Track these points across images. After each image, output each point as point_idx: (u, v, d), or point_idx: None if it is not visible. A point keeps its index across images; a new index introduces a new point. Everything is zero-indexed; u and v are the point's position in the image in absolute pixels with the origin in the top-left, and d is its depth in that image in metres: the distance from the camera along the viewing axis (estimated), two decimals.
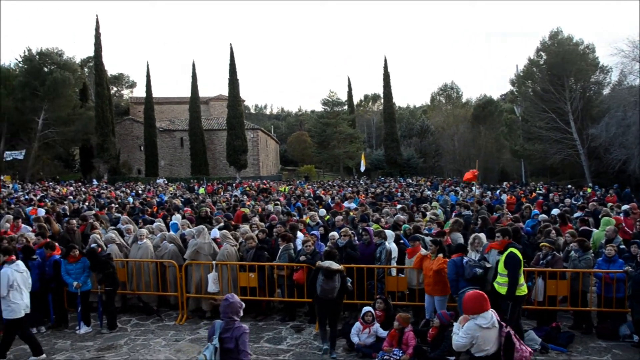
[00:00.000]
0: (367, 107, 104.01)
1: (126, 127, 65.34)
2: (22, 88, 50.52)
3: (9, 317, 8.37)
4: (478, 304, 5.85)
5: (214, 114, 72.95)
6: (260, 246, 10.55)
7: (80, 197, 26.73)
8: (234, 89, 56.96)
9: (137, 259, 10.92)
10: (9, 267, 8.44)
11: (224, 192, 33.00)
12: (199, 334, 9.70)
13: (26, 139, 53.18)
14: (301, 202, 20.14)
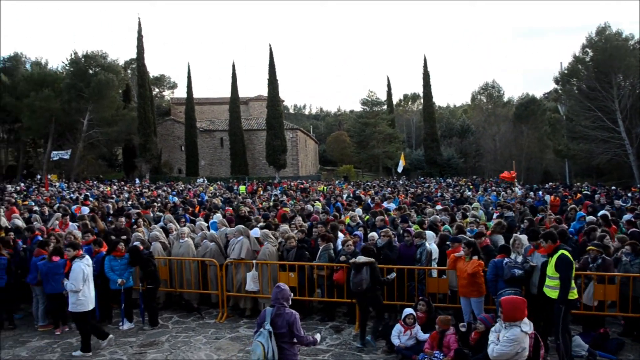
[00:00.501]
0: (406, 106, 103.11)
1: (167, 127, 66.35)
2: (69, 90, 51.78)
3: (77, 310, 8.64)
4: (520, 310, 5.71)
5: (253, 114, 73.43)
6: (301, 246, 10.54)
7: (124, 196, 27.18)
8: (273, 89, 57.23)
9: (179, 257, 11.02)
10: (80, 262, 8.71)
11: (263, 191, 33.17)
12: (239, 333, 9.76)
13: (72, 139, 54.50)
14: (340, 202, 20.05)
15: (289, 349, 5.90)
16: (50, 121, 52.13)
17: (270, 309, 5.98)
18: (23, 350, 9.08)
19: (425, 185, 37.52)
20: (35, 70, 56.56)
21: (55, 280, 9.62)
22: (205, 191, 31.79)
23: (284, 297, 5.98)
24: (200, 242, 11.40)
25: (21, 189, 38.26)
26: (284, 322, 5.83)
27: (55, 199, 25.45)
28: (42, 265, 9.69)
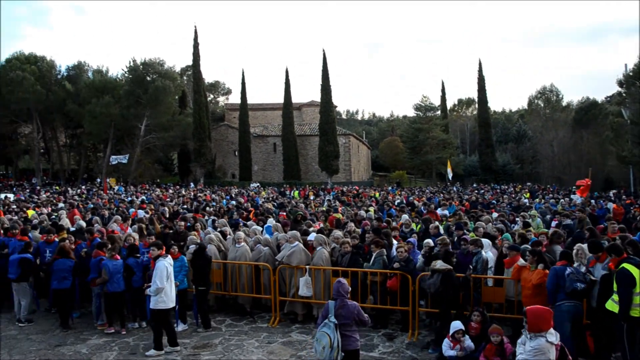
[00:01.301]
0: (460, 111, 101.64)
1: (222, 132, 67.37)
2: (127, 96, 53.30)
3: (158, 307, 8.85)
4: (545, 320, 5.48)
5: (306, 119, 73.76)
6: (356, 251, 10.44)
7: (179, 200, 27.66)
8: (326, 95, 57.37)
9: (234, 261, 11.09)
10: (164, 260, 8.98)
11: (315, 197, 33.21)
12: (291, 337, 9.75)
13: (130, 144, 55.96)
14: (393, 209, 19.84)
15: (352, 335, 6.60)
16: (109, 126, 53.74)
17: (332, 302, 6.63)
18: (83, 347, 9.37)
19: (480, 192, 36.79)
20: (96, 78, 58.39)
21: (116, 279, 9.95)
22: (258, 196, 32.06)
23: (345, 290, 6.65)
24: (254, 247, 11.46)
25: (82, 191, 39.55)
26: (349, 312, 6.49)
27: (113, 202, 26.14)
28: (112, 266, 10.03)
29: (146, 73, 55.34)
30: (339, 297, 6.63)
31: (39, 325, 10.73)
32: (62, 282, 10.35)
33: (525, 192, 34.69)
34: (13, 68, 53.86)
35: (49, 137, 62.91)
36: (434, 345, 8.81)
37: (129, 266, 10.22)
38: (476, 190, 39.71)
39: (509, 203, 24.43)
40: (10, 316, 11.33)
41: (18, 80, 52.07)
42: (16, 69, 53.40)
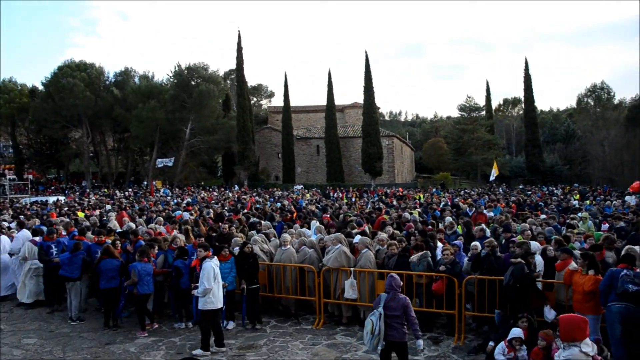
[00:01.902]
0: (506, 111, 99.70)
1: (265, 135, 67.84)
2: (173, 100, 54.30)
3: (207, 308, 8.98)
4: (579, 329, 5.26)
5: (349, 121, 73.64)
6: (402, 254, 10.33)
7: (224, 202, 27.94)
8: (369, 97, 57.15)
9: (280, 263, 11.12)
10: (210, 261, 9.10)
11: (358, 198, 33.08)
12: (336, 340, 9.71)
13: (175, 148, 57.02)
14: (438, 211, 19.60)
15: (400, 328, 6.96)
16: (155, 130, 54.84)
17: (384, 295, 7.11)
18: (132, 346, 9.56)
19: (527, 193, 35.98)
20: (142, 83, 59.78)
21: (146, 281, 10.17)
22: (302, 198, 32.12)
23: (397, 285, 7.09)
24: (299, 249, 11.46)
25: (129, 194, 40.42)
26: (399, 305, 6.94)
27: (159, 204, 26.60)
28: (141, 268, 10.24)
29: (191, 77, 56.22)
30: (390, 290, 7.05)
31: (90, 324, 11.00)
32: (110, 282, 10.58)
33: (575, 193, 33.76)
34: (65, 75, 55.69)
35: (98, 141, 64.66)
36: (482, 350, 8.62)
37: (178, 268, 10.36)
38: (523, 191, 38.85)
39: (557, 205, 23.79)
40: (63, 314, 11.66)
41: (69, 87, 53.80)
42: (67, 76, 55.20)
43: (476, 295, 9.46)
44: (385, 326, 6.90)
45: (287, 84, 62.80)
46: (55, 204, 28.30)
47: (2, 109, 62.48)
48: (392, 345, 7.05)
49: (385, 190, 41.54)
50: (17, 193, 51.06)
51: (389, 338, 6.94)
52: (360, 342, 9.51)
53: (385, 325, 6.91)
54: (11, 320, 11.45)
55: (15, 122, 65.15)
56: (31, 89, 65.23)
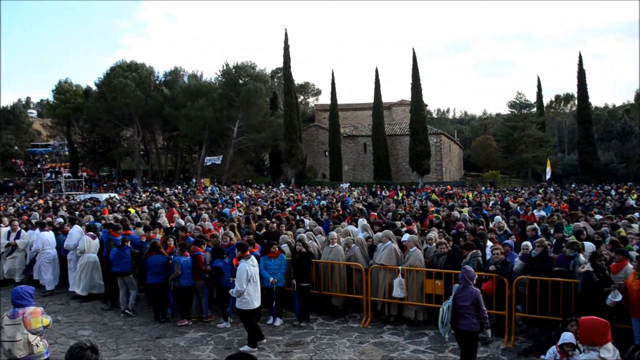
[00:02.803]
0: (558, 108, 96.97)
1: (312, 133, 68.04)
2: (221, 99, 55.06)
3: (243, 308, 9.10)
4: (599, 333, 5.02)
5: (396, 119, 73.12)
6: (452, 253, 10.18)
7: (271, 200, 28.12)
8: (416, 94, 56.62)
9: (328, 261, 11.11)
10: (245, 262, 9.15)
11: (406, 197, 32.80)
12: (383, 338, 9.65)
13: (223, 146, 57.73)
14: (487, 210, 19.24)
15: (470, 318, 7.22)
16: (204, 129, 55.69)
17: (457, 286, 7.51)
18: (181, 341, 9.73)
19: (579, 192, 34.96)
20: (191, 82, 60.78)
21: (187, 275, 10.38)
22: (349, 196, 32.05)
23: (470, 277, 7.36)
24: (347, 247, 11.41)
25: (178, 191, 41.15)
26: (470, 296, 7.21)
27: (208, 201, 26.96)
28: (183, 262, 10.48)
29: (238, 76, 56.83)
30: (463, 281, 7.34)
31: (142, 318, 11.26)
32: (156, 277, 10.79)
33: (632, 193, 32.52)
34: (116, 76, 57.26)
35: (148, 139, 66.12)
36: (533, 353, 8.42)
37: (218, 268, 10.42)
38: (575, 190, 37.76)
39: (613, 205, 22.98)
40: (116, 308, 11.98)
41: (121, 87, 55.28)
42: (119, 77, 56.69)
43: (527, 296, 9.22)
44: (456, 316, 7.27)
45: (334, 81, 62.98)
46: (108, 200, 29.04)
47: (58, 109, 65.03)
48: (461, 333, 7.36)
49: (433, 189, 41.05)
50: (72, 190, 52.71)
51: (459, 327, 7.29)
52: (407, 341, 9.46)
53: (456, 314, 7.27)
54: (68, 313, 11.83)
55: (70, 122, 67.57)
56: (85, 89, 67.45)
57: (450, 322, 7.33)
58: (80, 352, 3.65)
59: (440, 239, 10.90)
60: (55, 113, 67.68)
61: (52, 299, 13.02)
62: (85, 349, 3.67)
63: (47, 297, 13.11)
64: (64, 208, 24.62)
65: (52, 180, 59.32)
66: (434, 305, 9.95)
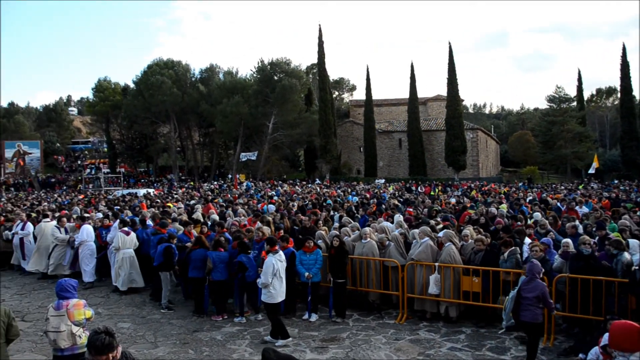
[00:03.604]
0: (599, 102, 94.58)
1: (347, 129, 67.85)
2: (256, 95, 55.40)
3: (268, 301, 9.20)
4: (631, 340, 4.79)
5: (432, 114, 72.45)
6: (490, 250, 10.03)
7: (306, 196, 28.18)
8: (452, 89, 55.93)
9: (362, 256, 11.08)
10: (273, 257, 9.23)
11: (442, 193, 32.51)
12: (419, 335, 9.58)
13: (258, 142, 58.05)
14: (525, 206, 18.91)
15: (533, 310, 7.53)
16: (239, 125, 56.06)
17: (523, 277, 7.79)
18: (218, 335, 9.86)
19: (621, 188, 34.05)
20: (227, 79, 61.26)
21: (220, 269, 10.53)
22: (385, 191, 31.90)
23: (537, 271, 7.62)
24: (383, 243, 11.35)
25: (214, 187, 41.56)
26: (533, 289, 7.49)
27: (244, 196, 27.16)
28: (215, 256, 10.66)
29: (273, 72, 57.01)
30: (530, 274, 7.61)
31: (179, 311, 11.44)
32: (198, 271, 10.94)
33: None
34: (153, 73, 58.13)
35: (185, 136, 66.97)
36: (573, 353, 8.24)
37: (241, 263, 10.44)
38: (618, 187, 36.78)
39: None
40: (154, 302, 12.24)
41: (158, 85, 56.09)
42: (156, 74, 57.50)
43: (567, 295, 9.01)
44: (518, 307, 7.57)
45: (369, 77, 62.60)
46: (146, 196, 29.49)
47: (97, 107, 66.50)
48: (524, 324, 7.71)
49: (470, 185, 40.58)
50: (111, 185, 53.80)
51: (521, 318, 7.59)
52: (444, 338, 9.37)
53: (519, 306, 7.56)
54: (108, 305, 12.12)
55: (109, 119, 68.99)
56: (123, 87, 68.69)
57: (512, 312, 7.66)
58: (95, 336, 3.90)
59: (478, 235, 10.75)
60: (95, 110, 69.25)
61: (93, 292, 13.36)
62: (100, 333, 3.92)
63: (87, 289, 13.43)
64: (102, 203, 25.13)
65: (92, 176, 60.59)
66: (471, 302, 9.85)
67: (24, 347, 9.24)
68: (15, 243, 15.95)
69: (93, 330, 4.04)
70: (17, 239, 15.81)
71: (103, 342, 3.88)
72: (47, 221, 15.43)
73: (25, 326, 10.20)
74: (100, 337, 3.89)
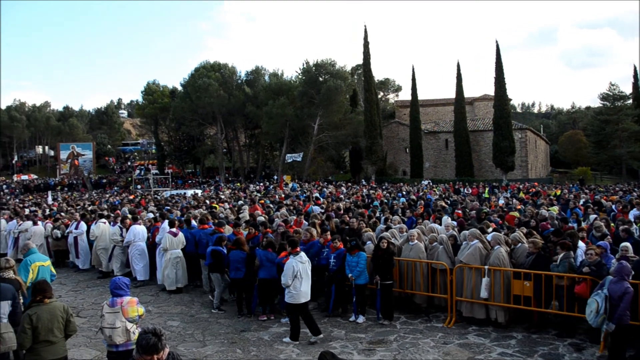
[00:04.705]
0: None
1: (392, 129, 67.50)
2: (301, 97, 55.57)
3: (289, 301, 9.33)
4: None
5: (478, 114, 71.40)
6: (541, 253, 9.75)
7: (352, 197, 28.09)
8: (500, 88, 54.89)
9: (409, 259, 10.97)
10: (294, 259, 9.30)
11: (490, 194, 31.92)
12: (468, 340, 9.40)
13: (304, 143, 58.20)
14: (578, 208, 18.37)
15: (619, 312, 7.44)
16: (285, 126, 56.36)
17: (609, 277, 7.76)
18: (265, 335, 9.95)
19: None
20: (272, 81, 61.67)
21: (267, 268, 10.58)
22: (431, 193, 31.54)
23: (626, 273, 7.60)
24: (430, 245, 11.22)
25: (260, 188, 41.89)
26: (619, 290, 7.44)
27: (291, 197, 27.27)
28: (263, 254, 10.75)
29: (319, 74, 57.05)
30: (617, 275, 7.57)
31: (229, 312, 11.57)
32: (237, 272, 11.04)
33: None
34: (200, 76, 59.10)
35: (231, 137, 67.84)
36: None
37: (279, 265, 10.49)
38: None
39: None
40: (202, 300, 12.54)
41: (204, 87, 56.99)
42: (203, 77, 58.41)
43: None
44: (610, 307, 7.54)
45: (414, 77, 62.23)
46: (193, 197, 29.94)
47: (146, 109, 68.16)
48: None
49: (518, 186, 39.72)
50: (159, 186, 54.89)
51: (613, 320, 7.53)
52: (494, 343, 9.17)
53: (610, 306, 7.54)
54: (157, 303, 12.37)
55: (157, 121, 70.62)
56: (171, 90, 70.08)
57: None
58: (143, 336, 3.99)
59: (529, 238, 10.46)
60: (144, 113, 71.02)
61: (143, 290, 13.66)
62: (147, 333, 4.01)
63: (138, 287, 13.72)
64: (151, 204, 25.63)
65: (141, 177, 61.93)
66: (522, 307, 9.60)
67: (79, 342, 9.53)
68: (70, 242, 16.58)
69: (142, 329, 4.15)
70: (72, 237, 16.42)
71: (149, 342, 3.95)
72: (103, 222, 15.85)
73: (80, 322, 10.50)
74: (147, 337, 3.97)
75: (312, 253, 11.08)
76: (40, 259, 9.04)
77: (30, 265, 8.70)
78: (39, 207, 27.21)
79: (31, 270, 8.62)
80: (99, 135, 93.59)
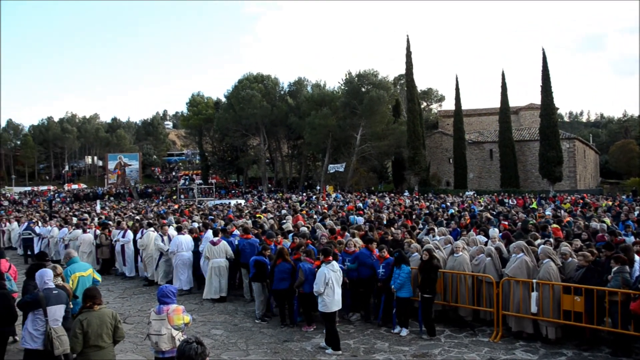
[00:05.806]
0: None
1: (436, 140, 66.97)
2: (344, 107, 55.76)
3: (322, 310, 9.43)
4: None
5: (524, 123, 70.18)
6: (592, 267, 9.40)
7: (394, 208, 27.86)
8: (547, 97, 53.71)
9: (453, 270, 10.76)
10: (325, 267, 9.40)
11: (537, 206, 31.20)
12: (515, 355, 9.12)
13: (346, 153, 58.29)
14: (632, 220, 17.74)
15: None
16: (327, 137, 56.59)
17: None
18: (308, 345, 9.90)
19: None
20: (315, 92, 62.10)
21: (310, 281, 10.39)
22: (475, 204, 31.04)
23: None
24: (476, 257, 10.98)
25: (303, 198, 42.00)
26: None
27: (335, 207, 27.23)
28: (308, 268, 10.63)
29: (361, 84, 57.14)
30: None
31: (271, 321, 11.60)
32: (281, 283, 11.01)
33: None
34: (244, 87, 60.03)
35: (274, 148, 68.50)
36: None
37: None
38: None
39: None
40: (245, 310, 12.60)
41: (248, 98, 57.88)
42: (246, 88, 59.23)
43: None
44: None
45: (458, 86, 61.57)
46: (237, 206, 30.20)
47: (191, 121, 69.56)
48: None
49: (566, 197, 38.73)
50: (203, 196, 55.70)
51: None
52: (542, 359, 8.86)
53: None
54: (201, 312, 12.47)
55: (202, 132, 71.95)
56: (215, 101, 71.40)
57: None
58: (186, 346, 3.95)
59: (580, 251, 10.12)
60: (189, 124, 72.52)
61: (188, 298, 13.79)
62: (191, 343, 3.98)
63: (182, 296, 13.86)
64: (196, 213, 25.96)
65: (186, 187, 62.96)
66: (572, 322, 9.25)
67: (126, 347, 9.70)
68: (117, 250, 16.97)
69: (184, 339, 4.11)
70: (119, 246, 16.81)
71: (197, 351, 3.92)
72: (152, 230, 16.10)
73: (127, 328, 10.64)
74: (192, 346, 3.94)
75: (368, 263, 11.15)
76: (81, 269, 9.21)
77: (70, 276, 8.90)
78: (89, 215, 27.95)
79: (71, 281, 8.82)
80: (145, 145, 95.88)
